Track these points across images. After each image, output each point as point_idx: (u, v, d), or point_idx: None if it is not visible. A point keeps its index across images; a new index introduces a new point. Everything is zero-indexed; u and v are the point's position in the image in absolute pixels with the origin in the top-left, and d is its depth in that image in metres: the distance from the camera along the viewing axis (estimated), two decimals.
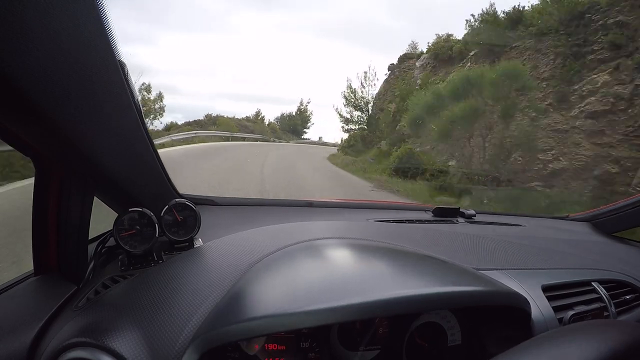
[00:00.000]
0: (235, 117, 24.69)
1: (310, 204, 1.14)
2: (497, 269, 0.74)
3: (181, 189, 0.87)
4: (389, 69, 15.81)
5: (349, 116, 14.85)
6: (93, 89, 0.46)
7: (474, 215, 1.14)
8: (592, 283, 0.79)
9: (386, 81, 15.22)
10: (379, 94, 15.11)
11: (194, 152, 9.51)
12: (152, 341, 0.48)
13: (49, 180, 0.58)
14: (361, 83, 14.92)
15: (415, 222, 1.03)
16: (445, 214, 1.14)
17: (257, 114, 29.38)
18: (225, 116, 22.23)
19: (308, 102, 34.35)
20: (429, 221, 1.09)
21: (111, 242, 0.73)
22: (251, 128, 23.34)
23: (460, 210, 1.15)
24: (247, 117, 27.32)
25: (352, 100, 14.79)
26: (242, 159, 9.49)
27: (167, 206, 0.72)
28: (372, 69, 21.47)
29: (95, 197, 0.66)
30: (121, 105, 0.52)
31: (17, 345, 0.51)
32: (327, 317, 0.43)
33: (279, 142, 23.58)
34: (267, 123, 29.52)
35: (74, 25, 0.38)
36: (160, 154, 0.70)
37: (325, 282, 0.50)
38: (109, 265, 0.69)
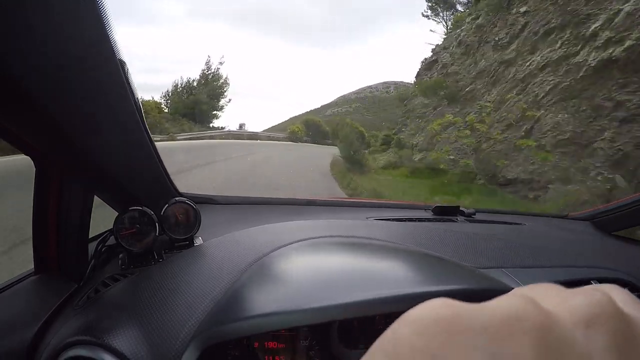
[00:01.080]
0: None
1: (310, 203, 1.14)
2: (496, 268, 0.74)
3: None
4: None
5: None
6: (94, 88, 0.46)
7: (474, 214, 1.14)
8: (592, 282, 0.79)
9: None
10: None
11: None
12: (152, 339, 0.48)
13: (49, 180, 0.59)
14: None
15: (415, 221, 1.03)
16: (445, 212, 1.14)
17: None
18: None
19: (221, 63, 18.79)
20: (428, 219, 1.09)
21: (111, 240, 0.73)
22: None
23: (460, 208, 1.15)
24: None
25: None
26: None
27: (167, 205, 0.72)
28: None
29: (95, 196, 0.66)
30: (121, 104, 0.52)
31: (18, 343, 0.51)
32: (326, 315, 0.43)
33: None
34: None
35: (74, 24, 0.38)
36: None
37: (325, 280, 0.50)
38: (109, 264, 0.70)
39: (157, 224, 0.69)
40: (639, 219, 1.11)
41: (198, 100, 17.01)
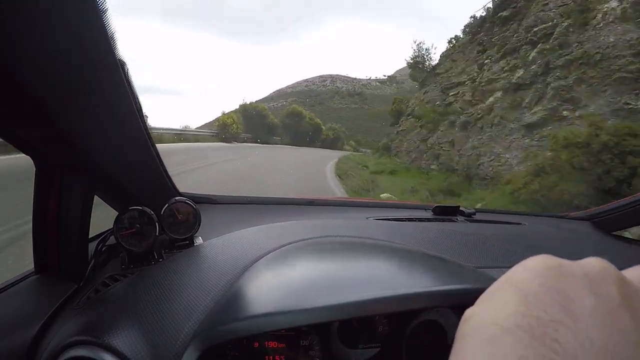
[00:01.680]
0: None
1: (310, 202, 1.15)
2: (496, 267, 0.74)
3: None
4: None
5: None
6: (93, 87, 0.46)
7: (474, 214, 1.14)
8: None
9: None
10: None
11: None
12: (153, 339, 0.48)
13: (49, 180, 0.58)
14: None
15: (415, 221, 1.03)
16: (445, 212, 1.14)
17: None
18: None
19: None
20: (428, 219, 1.09)
21: (111, 240, 0.73)
22: None
23: (460, 208, 1.15)
24: None
25: None
26: None
27: (167, 205, 0.72)
28: None
29: (95, 196, 0.66)
30: (121, 104, 0.52)
31: (18, 343, 0.51)
32: (326, 315, 0.43)
33: None
34: None
35: (75, 24, 0.38)
36: None
37: (325, 280, 0.50)
38: (109, 264, 0.70)
39: (157, 224, 0.69)
40: (639, 219, 1.11)
41: None
